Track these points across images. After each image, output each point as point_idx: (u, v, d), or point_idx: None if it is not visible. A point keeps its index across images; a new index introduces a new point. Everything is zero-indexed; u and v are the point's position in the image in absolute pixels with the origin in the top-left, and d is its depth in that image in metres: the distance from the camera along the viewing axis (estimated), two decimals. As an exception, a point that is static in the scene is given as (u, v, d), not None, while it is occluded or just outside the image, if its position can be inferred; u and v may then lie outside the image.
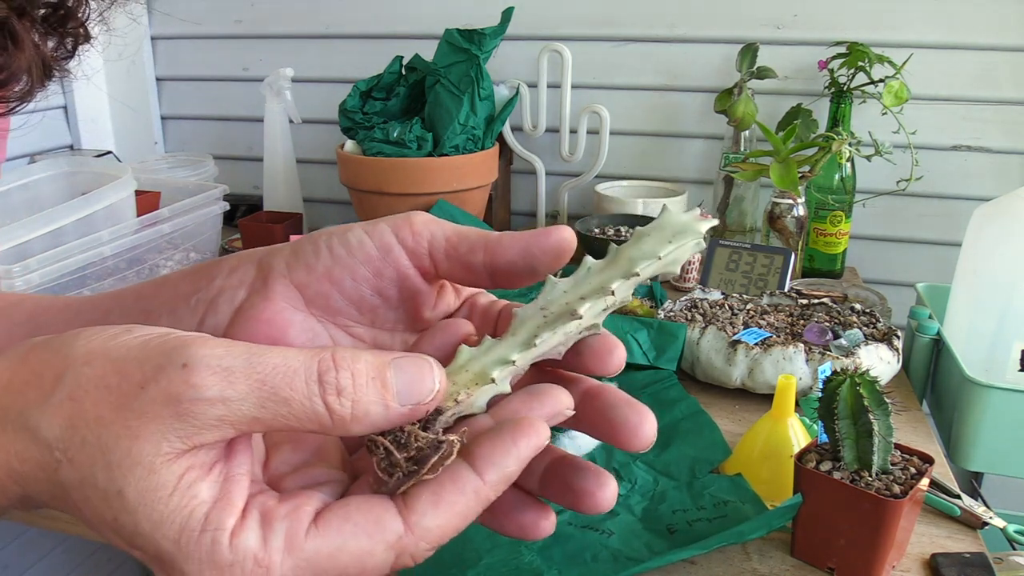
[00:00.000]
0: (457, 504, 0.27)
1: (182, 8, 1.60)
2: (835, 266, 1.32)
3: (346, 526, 0.26)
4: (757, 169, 1.20)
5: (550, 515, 0.33)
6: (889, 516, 0.61)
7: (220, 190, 1.26)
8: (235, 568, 0.25)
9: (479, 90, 1.28)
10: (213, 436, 0.26)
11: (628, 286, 0.31)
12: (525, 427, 0.28)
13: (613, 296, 0.30)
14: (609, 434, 0.31)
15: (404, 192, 1.27)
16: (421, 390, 0.28)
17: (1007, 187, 1.18)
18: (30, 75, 0.40)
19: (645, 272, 0.30)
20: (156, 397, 0.25)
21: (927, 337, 0.97)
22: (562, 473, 0.32)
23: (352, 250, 0.33)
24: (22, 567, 1.45)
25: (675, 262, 0.31)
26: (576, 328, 0.31)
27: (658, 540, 0.68)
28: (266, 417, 0.26)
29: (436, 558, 0.65)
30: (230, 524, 0.25)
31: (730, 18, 1.40)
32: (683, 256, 0.31)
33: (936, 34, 1.32)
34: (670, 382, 0.93)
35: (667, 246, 0.30)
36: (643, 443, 0.31)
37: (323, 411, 0.26)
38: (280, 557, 0.25)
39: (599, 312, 0.31)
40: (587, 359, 0.32)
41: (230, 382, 0.25)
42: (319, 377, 0.26)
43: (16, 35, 0.38)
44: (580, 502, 0.31)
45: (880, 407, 0.62)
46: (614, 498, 0.31)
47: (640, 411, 0.31)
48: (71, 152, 1.57)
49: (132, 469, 0.25)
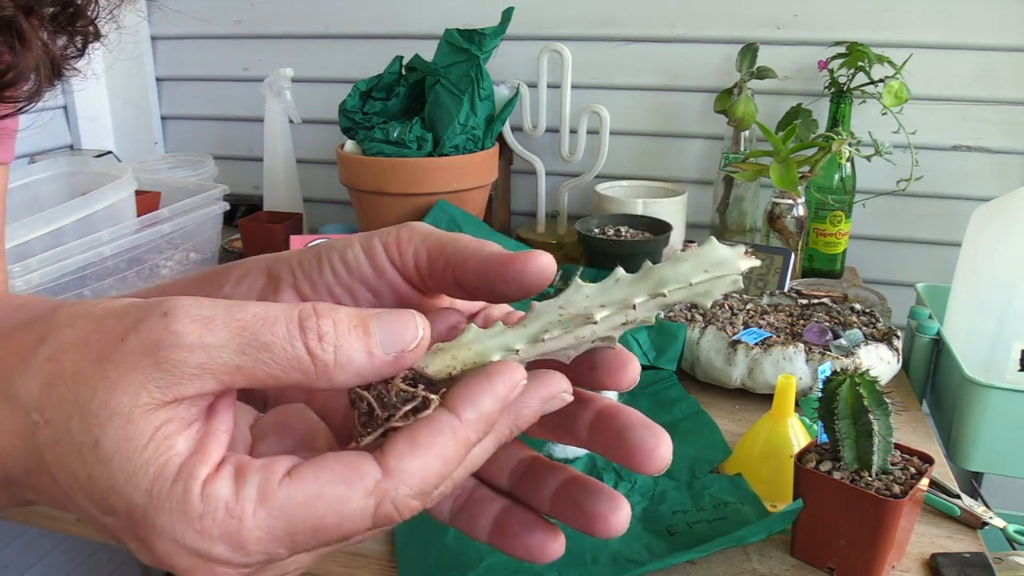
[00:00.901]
0: (434, 445, 0.26)
1: (182, 6, 1.60)
2: (835, 266, 1.32)
3: (322, 473, 0.25)
4: (757, 169, 1.20)
5: (559, 537, 0.32)
6: (889, 516, 0.61)
7: (220, 190, 1.26)
8: (206, 518, 0.24)
9: (479, 90, 1.28)
10: (194, 387, 0.25)
11: (652, 305, 0.30)
12: (500, 366, 0.28)
13: (635, 311, 0.30)
14: (624, 457, 0.30)
15: (404, 192, 1.27)
16: (404, 338, 0.27)
17: (1007, 187, 1.18)
18: (38, 74, 0.40)
19: (673, 296, 0.30)
20: (135, 347, 0.25)
21: (927, 337, 0.97)
22: (574, 494, 0.32)
23: (350, 269, 0.33)
24: (22, 567, 1.45)
25: (706, 294, 0.30)
26: (589, 334, 0.30)
27: (658, 542, 0.68)
28: (247, 365, 0.25)
29: (436, 558, 0.65)
30: (203, 474, 0.25)
31: (730, 18, 1.40)
32: (717, 289, 0.30)
33: (936, 34, 1.32)
34: (670, 382, 0.93)
35: (701, 274, 0.29)
36: (659, 466, 0.30)
37: (305, 356, 0.26)
38: (252, 506, 0.25)
39: (617, 325, 0.30)
40: (600, 372, 0.31)
41: (210, 329, 0.25)
42: (300, 323, 0.26)
43: (23, 34, 0.38)
44: (592, 526, 0.31)
45: (880, 407, 0.62)
46: (627, 522, 0.31)
47: (656, 433, 0.30)
48: (71, 152, 1.57)
49: (110, 419, 0.25)
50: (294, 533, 0.25)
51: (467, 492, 0.34)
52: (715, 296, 0.30)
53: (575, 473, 0.33)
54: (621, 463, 0.31)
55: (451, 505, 0.34)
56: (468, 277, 0.31)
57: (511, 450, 0.34)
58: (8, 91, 0.40)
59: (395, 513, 0.26)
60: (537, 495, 0.33)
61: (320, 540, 0.25)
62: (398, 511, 0.26)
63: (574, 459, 0.79)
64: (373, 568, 0.67)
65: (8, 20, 0.37)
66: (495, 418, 0.27)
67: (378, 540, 0.70)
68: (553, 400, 0.30)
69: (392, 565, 0.67)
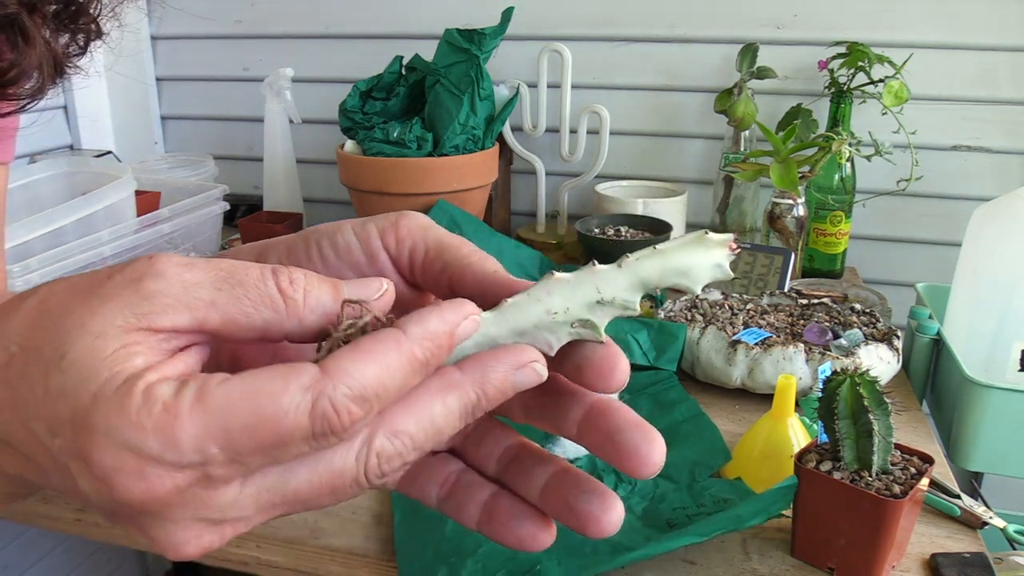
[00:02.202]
0: (375, 352, 0.26)
1: (182, 6, 1.60)
2: (835, 266, 1.32)
3: (261, 373, 0.25)
4: (757, 169, 1.20)
5: (550, 528, 0.32)
6: (889, 516, 0.61)
7: (220, 190, 1.26)
8: (142, 411, 0.24)
9: (479, 90, 1.28)
10: (168, 319, 0.26)
11: (627, 287, 0.29)
12: (450, 300, 0.28)
13: (610, 293, 0.29)
14: (616, 459, 0.30)
15: (404, 192, 1.27)
16: (369, 289, 0.29)
17: (1007, 187, 1.18)
18: (41, 72, 0.40)
19: (643, 271, 0.29)
20: (119, 281, 0.26)
21: (927, 337, 0.97)
22: (565, 490, 0.31)
23: (340, 253, 0.33)
24: (22, 567, 1.45)
25: (683, 273, 0.29)
26: (564, 318, 0.29)
27: (658, 534, 0.68)
28: (221, 300, 0.26)
29: (435, 549, 0.65)
30: (150, 378, 0.25)
31: (730, 18, 1.40)
32: (697, 284, 0.29)
33: (936, 34, 1.32)
34: (670, 383, 0.93)
35: (679, 257, 0.29)
36: (650, 471, 0.30)
37: (276, 294, 0.27)
38: (189, 403, 0.24)
39: (591, 303, 0.29)
40: (587, 373, 0.30)
41: (190, 268, 0.26)
42: (273, 271, 0.27)
43: (26, 32, 0.38)
44: (583, 525, 0.30)
45: (880, 407, 0.62)
46: (619, 521, 0.30)
47: (649, 437, 0.30)
48: (71, 152, 1.57)
49: (82, 336, 0.25)
50: (229, 429, 0.24)
51: (454, 476, 0.33)
52: (694, 275, 0.30)
53: (565, 465, 0.32)
54: (612, 464, 0.30)
55: (438, 491, 0.33)
56: (464, 288, 0.31)
57: (498, 435, 0.34)
58: (10, 89, 0.40)
59: (333, 414, 0.24)
60: (526, 485, 0.32)
61: (256, 440, 0.24)
62: (336, 412, 0.24)
63: (574, 460, 0.79)
64: (373, 568, 0.67)
65: (11, 17, 0.37)
66: (444, 341, 0.27)
67: (377, 539, 0.70)
68: (524, 370, 0.29)
69: (392, 565, 0.67)
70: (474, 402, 0.28)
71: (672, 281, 0.30)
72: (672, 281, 0.30)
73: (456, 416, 0.28)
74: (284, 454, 0.25)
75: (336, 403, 0.24)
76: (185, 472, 0.24)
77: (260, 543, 0.70)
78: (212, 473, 0.24)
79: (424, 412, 0.27)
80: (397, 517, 0.71)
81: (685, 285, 0.30)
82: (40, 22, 0.40)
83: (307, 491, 0.26)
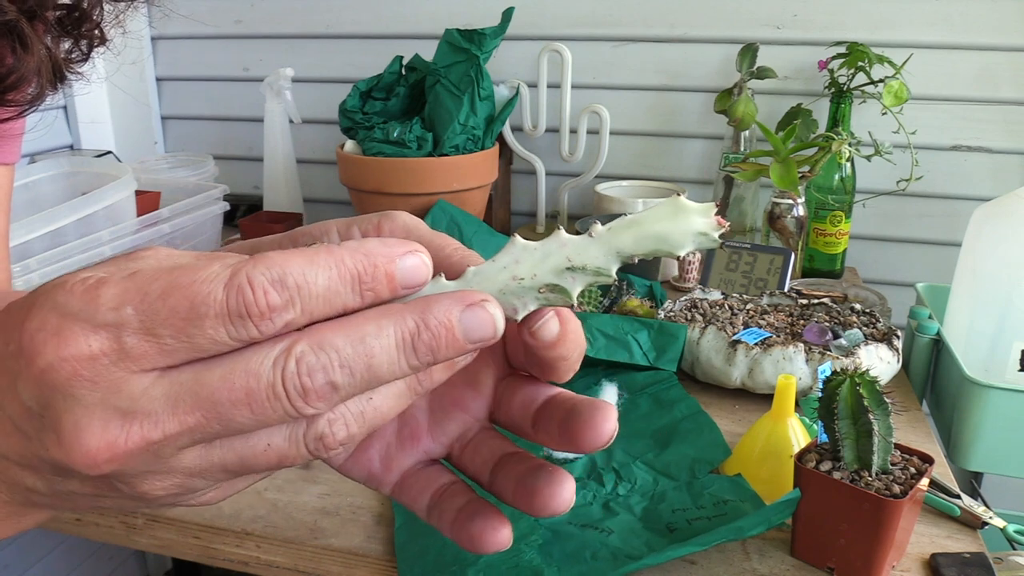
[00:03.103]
0: (304, 250, 0.25)
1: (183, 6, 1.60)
2: (835, 266, 1.32)
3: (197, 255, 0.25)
4: (757, 169, 1.20)
5: (504, 526, 0.31)
6: (889, 516, 0.61)
7: (220, 190, 1.27)
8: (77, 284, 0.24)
9: (479, 90, 1.28)
10: None
11: (601, 256, 0.28)
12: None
13: (582, 261, 0.28)
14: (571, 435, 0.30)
15: (404, 192, 1.27)
16: None
17: (1007, 187, 1.18)
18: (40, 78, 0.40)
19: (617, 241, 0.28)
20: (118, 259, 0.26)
21: (927, 337, 0.97)
22: (520, 473, 0.31)
23: None
24: (22, 567, 1.45)
25: (661, 239, 0.28)
26: (531, 284, 0.28)
27: (658, 538, 0.68)
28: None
29: (436, 556, 0.65)
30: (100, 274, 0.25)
31: (730, 18, 1.40)
32: (680, 248, 0.28)
33: (936, 34, 1.32)
34: (670, 383, 0.93)
35: (654, 226, 0.28)
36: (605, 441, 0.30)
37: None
38: (121, 276, 0.24)
39: (560, 269, 0.28)
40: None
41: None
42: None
43: (25, 38, 0.38)
44: (532, 503, 0.30)
45: (880, 407, 0.62)
46: (571, 499, 0.30)
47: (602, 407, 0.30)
48: (71, 152, 1.57)
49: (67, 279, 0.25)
50: (147, 292, 0.24)
51: (445, 487, 0.33)
52: (683, 251, 0.29)
53: (537, 460, 0.32)
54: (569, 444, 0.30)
55: (429, 500, 0.33)
56: None
57: (494, 445, 0.34)
58: (10, 95, 0.41)
59: (248, 290, 0.23)
60: (502, 485, 0.32)
61: (170, 306, 0.23)
62: (252, 289, 0.23)
63: (574, 459, 0.79)
64: (373, 568, 0.67)
65: (10, 24, 0.38)
66: (380, 263, 0.25)
67: (378, 540, 0.70)
68: (474, 309, 0.26)
69: (392, 565, 0.67)
70: (412, 330, 0.25)
71: (649, 248, 0.28)
72: (649, 248, 0.28)
73: (391, 343, 0.25)
74: (198, 331, 0.24)
75: (253, 280, 0.24)
76: (99, 334, 0.23)
77: (260, 543, 0.70)
78: (126, 342, 0.23)
79: (354, 330, 0.25)
80: (399, 521, 0.71)
81: (665, 251, 0.28)
82: (42, 29, 0.40)
83: (221, 392, 0.24)
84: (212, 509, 0.74)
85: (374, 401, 0.26)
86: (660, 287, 1.18)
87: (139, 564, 1.69)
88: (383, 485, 0.34)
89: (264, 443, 0.25)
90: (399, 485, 0.34)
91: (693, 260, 1.27)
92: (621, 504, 0.73)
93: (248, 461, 0.25)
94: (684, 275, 1.28)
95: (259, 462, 0.25)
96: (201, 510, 0.73)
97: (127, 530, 0.73)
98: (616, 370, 0.95)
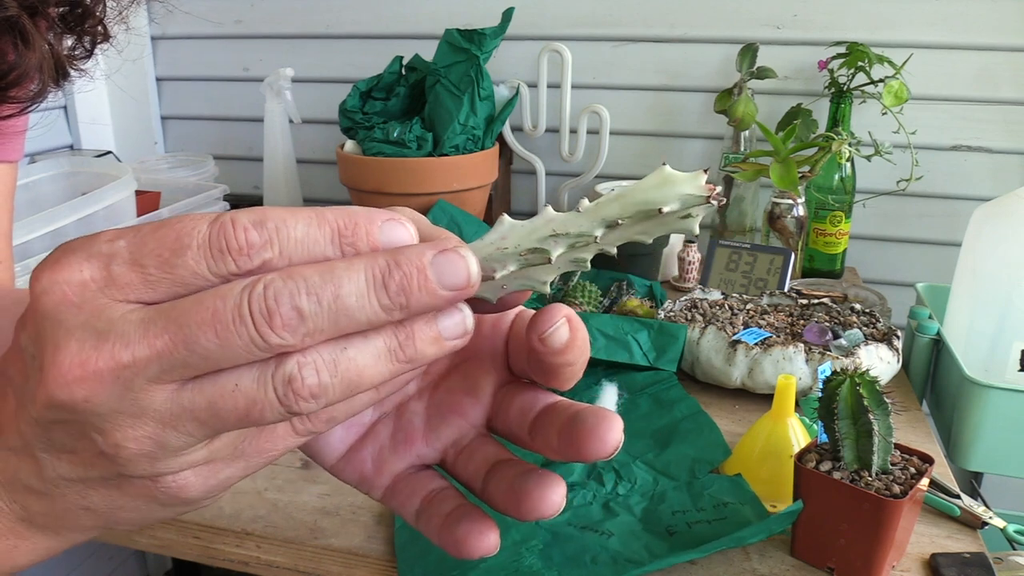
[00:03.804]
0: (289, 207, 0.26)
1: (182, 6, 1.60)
2: (835, 266, 1.32)
3: None
4: (757, 169, 1.20)
5: (491, 531, 0.31)
6: (889, 516, 0.61)
7: (220, 190, 1.27)
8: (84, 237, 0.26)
9: (479, 90, 1.28)
10: None
11: (588, 224, 0.28)
12: None
13: (566, 229, 0.28)
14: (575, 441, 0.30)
15: (404, 192, 1.27)
16: None
17: (1007, 187, 1.18)
18: (42, 74, 0.40)
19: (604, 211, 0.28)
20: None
21: (927, 337, 0.97)
22: (511, 477, 0.31)
23: None
24: (22, 567, 1.44)
25: (649, 203, 0.27)
26: (514, 251, 0.28)
27: (658, 542, 0.68)
28: None
29: (438, 558, 0.65)
30: None
31: (730, 18, 1.40)
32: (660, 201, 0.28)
33: (936, 34, 1.32)
34: (670, 383, 0.93)
35: (641, 195, 0.28)
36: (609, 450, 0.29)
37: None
38: (113, 234, 0.26)
39: (544, 237, 0.28)
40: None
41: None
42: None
43: (26, 34, 0.38)
44: (521, 507, 0.30)
45: (880, 407, 0.62)
46: (562, 502, 0.30)
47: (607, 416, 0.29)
48: (71, 152, 1.57)
49: None
50: (140, 231, 0.25)
51: (435, 492, 0.33)
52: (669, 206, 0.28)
53: (527, 465, 0.32)
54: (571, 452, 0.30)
55: (418, 505, 0.33)
56: None
57: (488, 451, 0.33)
58: (12, 91, 0.40)
59: (230, 227, 0.24)
60: (493, 491, 0.32)
61: (157, 239, 0.25)
62: (233, 226, 0.24)
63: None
64: (373, 568, 0.67)
65: (11, 20, 0.37)
66: (362, 222, 0.26)
67: (378, 540, 0.70)
68: (447, 255, 0.26)
69: (392, 565, 0.67)
70: (384, 268, 0.25)
71: (635, 210, 0.28)
72: (635, 210, 0.28)
73: (361, 277, 0.25)
74: (180, 262, 0.24)
75: (236, 220, 0.25)
76: (92, 262, 0.25)
77: (260, 543, 0.70)
78: (114, 270, 0.25)
79: (326, 266, 0.25)
80: (399, 522, 0.71)
81: (651, 211, 0.28)
82: (45, 26, 0.40)
83: (189, 314, 0.24)
84: (212, 509, 0.74)
85: (348, 352, 0.25)
86: (660, 287, 1.18)
87: (139, 564, 1.69)
88: (374, 488, 0.34)
89: (232, 383, 0.25)
90: (390, 489, 0.34)
91: (693, 260, 1.27)
92: (621, 504, 0.73)
93: (217, 406, 0.25)
94: (684, 275, 1.28)
95: (227, 407, 0.25)
96: (201, 510, 0.73)
97: (127, 530, 0.73)
98: (616, 370, 0.95)
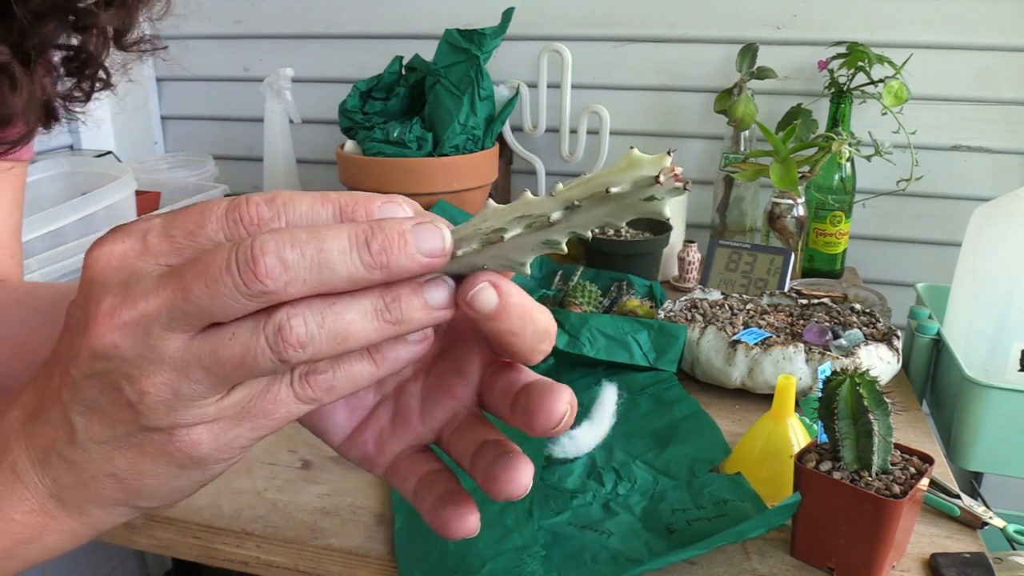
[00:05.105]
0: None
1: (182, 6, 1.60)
2: (835, 266, 1.32)
3: None
4: (757, 169, 1.20)
5: (471, 514, 0.33)
6: (889, 516, 0.61)
7: (220, 190, 1.27)
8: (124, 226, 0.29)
9: (479, 90, 1.28)
10: None
11: (553, 206, 0.28)
12: None
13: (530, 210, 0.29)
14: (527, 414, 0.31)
15: (404, 192, 1.27)
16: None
17: (1007, 187, 1.18)
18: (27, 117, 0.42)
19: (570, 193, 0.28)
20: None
21: (927, 337, 0.97)
22: (488, 457, 0.32)
23: None
24: (22, 567, 1.44)
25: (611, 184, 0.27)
26: (484, 230, 0.29)
27: (657, 540, 0.68)
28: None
29: (438, 560, 0.65)
30: None
31: (730, 18, 1.40)
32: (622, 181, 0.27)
33: (936, 34, 1.32)
34: (670, 383, 0.93)
35: (607, 176, 0.28)
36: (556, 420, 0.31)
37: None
38: (151, 216, 0.29)
39: (511, 220, 0.29)
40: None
41: None
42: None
43: (15, 79, 0.40)
44: (492, 487, 0.32)
45: (880, 407, 0.62)
46: (528, 484, 0.31)
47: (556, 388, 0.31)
48: (71, 152, 1.57)
49: None
50: (174, 211, 0.29)
51: (432, 473, 0.35)
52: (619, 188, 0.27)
53: (510, 446, 0.33)
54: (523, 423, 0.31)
55: (415, 484, 0.35)
56: None
57: (479, 431, 0.34)
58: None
59: (244, 202, 0.28)
60: (478, 471, 0.33)
61: (186, 215, 0.28)
62: (247, 202, 0.28)
63: (574, 459, 0.79)
64: (373, 568, 0.67)
65: (2, 66, 0.39)
66: (361, 202, 0.29)
67: (378, 540, 0.70)
68: (424, 226, 0.28)
69: (392, 565, 0.67)
70: (366, 231, 0.27)
71: (591, 191, 0.28)
72: (591, 191, 0.28)
73: (344, 236, 0.27)
74: (202, 231, 0.28)
75: (250, 198, 0.28)
76: (133, 236, 0.29)
77: (260, 543, 0.70)
78: (149, 241, 0.28)
79: (315, 227, 0.27)
80: (399, 522, 0.71)
81: (616, 192, 0.28)
82: (43, 70, 0.42)
83: (189, 267, 0.27)
84: (212, 509, 0.74)
85: (336, 307, 0.27)
86: (660, 287, 1.18)
87: (139, 564, 1.69)
88: (376, 467, 0.36)
89: (231, 332, 0.27)
90: (391, 468, 0.36)
91: (693, 260, 1.27)
92: (621, 504, 0.73)
93: (218, 354, 0.27)
94: (684, 275, 1.28)
95: (226, 355, 0.27)
96: (201, 510, 0.73)
97: (127, 530, 0.73)
98: (616, 370, 0.95)
